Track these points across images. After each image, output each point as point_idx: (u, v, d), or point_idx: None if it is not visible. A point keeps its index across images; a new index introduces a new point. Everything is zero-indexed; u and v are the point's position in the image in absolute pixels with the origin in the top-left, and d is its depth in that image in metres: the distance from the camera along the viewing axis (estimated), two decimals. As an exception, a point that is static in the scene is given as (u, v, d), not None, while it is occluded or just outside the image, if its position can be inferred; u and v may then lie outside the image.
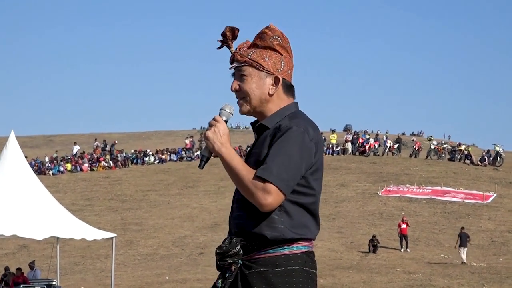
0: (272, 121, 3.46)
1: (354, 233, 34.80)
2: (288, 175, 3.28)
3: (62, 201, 30.96)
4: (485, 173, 48.90)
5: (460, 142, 60.00)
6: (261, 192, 3.23)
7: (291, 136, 3.32)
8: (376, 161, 52.64)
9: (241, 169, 3.29)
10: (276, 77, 3.47)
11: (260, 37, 3.51)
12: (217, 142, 3.34)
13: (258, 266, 3.33)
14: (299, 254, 3.38)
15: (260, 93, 3.47)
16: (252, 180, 3.25)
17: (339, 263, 29.31)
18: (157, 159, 58.17)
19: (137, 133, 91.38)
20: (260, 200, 3.24)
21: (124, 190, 47.95)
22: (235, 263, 3.37)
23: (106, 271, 28.88)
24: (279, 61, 3.49)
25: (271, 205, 3.26)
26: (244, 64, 3.47)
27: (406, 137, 73.32)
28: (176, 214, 40.53)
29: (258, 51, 3.48)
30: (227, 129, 3.40)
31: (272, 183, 3.24)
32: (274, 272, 3.32)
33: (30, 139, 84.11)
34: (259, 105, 3.49)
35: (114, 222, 39.17)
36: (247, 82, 3.47)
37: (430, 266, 28.58)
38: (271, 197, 3.24)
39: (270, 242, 3.33)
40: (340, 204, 40.61)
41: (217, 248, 3.40)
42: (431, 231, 35.56)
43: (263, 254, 3.35)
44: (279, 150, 3.30)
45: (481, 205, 40.46)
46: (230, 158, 3.32)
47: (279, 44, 3.49)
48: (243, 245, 3.37)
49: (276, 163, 3.27)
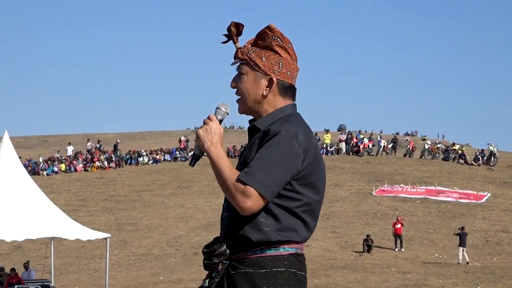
0: (264, 123, 3.42)
1: (349, 233, 34.82)
2: (271, 180, 3.23)
3: (57, 202, 30.96)
4: (479, 173, 48.98)
5: (454, 142, 60.07)
6: (241, 195, 3.20)
7: (279, 141, 3.27)
8: (370, 161, 52.69)
9: (225, 170, 3.27)
10: (270, 78, 3.43)
11: (260, 36, 3.48)
12: (207, 141, 3.33)
13: (244, 267, 3.32)
14: (286, 256, 3.35)
15: (254, 94, 3.44)
16: (234, 182, 3.22)
17: (333, 263, 29.34)
18: (151, 159, 58.16)
19: (131, 133, 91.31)
20: (239, 203, 3.21)
21: (118, 190, 47.92)
22: (222, 263, 3.36)
23: (100, 271, 28.87)
24: (277, 62, 3.44)
25: (250, 209, 3.22)
26: (242, 62, 3.46)
27: (400, 137, 73.34)
28: (170, 214, 40.52)
29: (257, 51, 3.45)
30: (219, 128, 3.37)
31: (253, 187, 3.20)
32: (259, 273, 3.30)
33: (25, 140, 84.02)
34: (253, 106, 3.46)
35: (109, 223, 39.14)
36: (243, 81, 3.46)
37: (425, 266, 28.62)
38: (250, 201, 3.20)
39: (256, 244, 3.31)
40: (334, 204, 40.62)
41: (204, 247, 3.40)
42: (426, 230, 35.61)
43: (250, 255, 3.32)
44: (265, 154, 3.26)
45: (475, 204, 40.51)
46: (217, 158, 3.30)
47: (278, 45, 3.45)
48: (230, 245, 3.35)
49: (259, 167, 3.23)
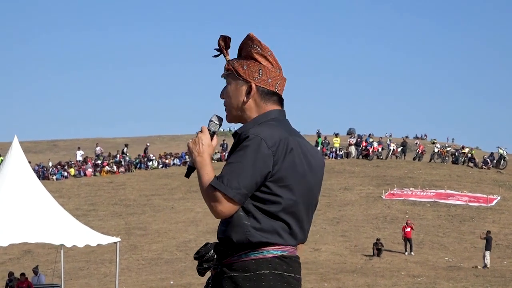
0: (245, 128, 3.50)
1: (358, 237, 34.78)
2: (239, 183, 3.30)
3: (66, 206, 31.07)
4: (489, 176, 48.87)
5: (464, 145, 59.98)
6: (212, 201, 3.32)
7: (247, 144, 3.34)
8: (380, 165, 52.63)
9: (204, 178, 3.38)
10: (250, 85, 3.53)
11: (242, 47, 3.61)
12: (194, 151, 3.43)
13: (230, 271, 3.39)
14: (270, 259, 3.39)
15: (236, 101, 3.56)
16: (206, 189, 3.34)
17: (343, 266, 29.30)
18: (161, 164, 58.22)
19: (141, 137, 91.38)
20: (211, 208, 3.33)
21: (128, 194, 47.96)
22: (215, 268, 3.47)
23: (110, 276, 28.90)
24: (257, 69, 3.54)
25: (221, 213, 3.33)
26: (228, 73, 3.58)
27: (410, 140, 73.23)
28: (180, 218, 40.54)
29: (239, 60, 3.58)
30: (209, 139, 3.47)
31: (221, 192, 3.29)
32: (243, 276, 3.36)
33: (34, 144, 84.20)
34: (237, 113, 3.58)
35: (118, 227, 39.18)
36: (228, 91, 3.59)
37: (435, 270, 28.56)
38: (220, 205, 3.31)
39: (239, 246, 3.37)
40: (344, 208, 40.59)
41: (195, 253, 3.53)
42: (435, 234, 35.53)
43: (236, 260, 3.40)
44: (233, 158, 3.36)
45: (485, 208, 40.43)
46: (200, 167, 3.41)
47: (257, 53, 3.55)
48: (219, 250, 3.45)
49: (227, 172, 3.33)
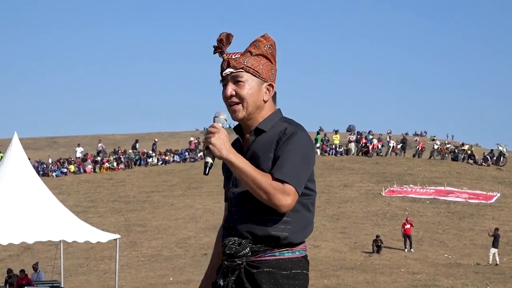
0: (267, 125, 3.57)
1: (358, 234, 34.78)
2: (301, 176, 3.43)
3: (66, 203, 31.03)
4: (489, 173, 48.87)
5: (463, 142, 59.95)
6: (281, 194, 3.34)
7: (300, 139, 3.46)
8: (380, 162, 52.61)
9: (255, 173, 3.36)
10: (270, 84, 3.60)
11: (255, 45, 3.58)
12: (223, 148, 3.39)
13: (265, 267, 3.44)
14: (300, 259, 3.53)
15: (255, 99, 3.56)
16: (271, 182, 3.34)
17: (342, 263, 29.31)
18: (161, 161, 58.22)
19: (140, 134, 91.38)
20: (280, 201, 3.34)
21: (128, 191, 47.97)
22: (242, 263, 3.47)
23: (110, 273, 28.91)
24: (271, 69, 3.61)
25: (290, 206, 3.38)
26: (240, 70, 3.54)
27: (410, 137, 73.19)
28: (179, 215, 40.54)
29: (252, 58, 3.56)
30: (228, 135, 3.46)
31: (291, 184, 3.36)
32: (281, 274, 3.44)
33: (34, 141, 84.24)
34: (253, 111, 3.58)
35: (118, 224, 39.18)
36: (244, 88, 3.55)
37: (434, 266, 28.57)
38: (290, 198, 3.35)
39: (277, 245, 3.46)
40: (343, 205, 40.59)
41: (227, 249, 3.49)
42: (435, 231, 35.54)
43: (269, 257, 3.46)
44: (291, 153, 3.42)
45: (485, 205, 40.43)
46: (240, 163, 3.38)
47: (271, 53, 3.60)
48: (250, 246, 3.47)
49: (290, 166, 3.39)
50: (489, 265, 28.94)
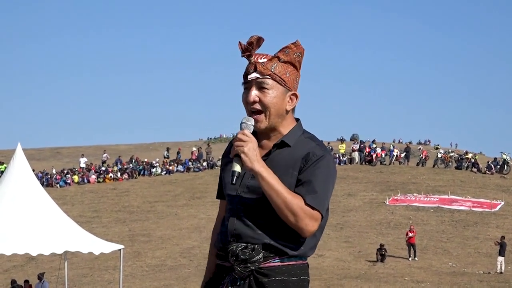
0: (292, 139, 3.47)
1: (362, 242, 34.77)
2: (326, 204, 3.40)
3: (70, 213, 31.09)
4: (493, 181, 48.83)
5: (467, 151, 59.93)
6: (309, 219, 3.31)
7: (328, 165, 3.42)
8: (383, 170, 52.62)
9: (286, 193, 3.29)
10: (294, 93, 3.48)
11: (284, 51, 3.46)
12: (256, 161, 3.30)
13: (276, 275, 3.39)
14: (306, 265, 3.50)
15: (278, 108, 3.44)
16: (302, 206, 3.29)
17: (347, 272, 29.28)
18: (164, 171, 58.27)
19: (144, 144, 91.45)
20: (308, 227, 3.31)
21: (132, 201, 48.00)
22: (243, 270, 3.39)
23: (114, 283, 28.91)
24: (296, 77, 3.48)
25: (314, 232, 3.38)
26: (267, 77, 3.41)
27: (413, 146, 73.24)
28: (183, 225, 40.55)
29: (280, 65, 3.43)
30: (257, 145, 3.37)
31: (320, 212, 3.35)
32: (292, 281, 3.41)
33: (37, 152, 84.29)
34: (276, 121, 3.46)
35: (122, 234, 39.19)
36: (268, 96, 3.42)
37: (438, 275, 28.53)
38: (317, 224, 3.34)
39: (285, 253, 3.42)
40: (347, 214, 40.59)
41: (241, 254, 3.36)
42: (439, 239, 35.50)
43: (278, 263, 3.40)
44: (321, 178, 3.36)
45: (489, 213, 40.40)
46: (273, 180, 3.30)
47: (299, 61, 3.48)
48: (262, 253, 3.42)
49: (322, 192, 3.35)
50: (497, 274, 28.90)
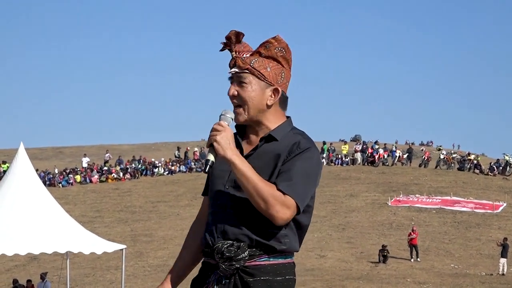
0: (280, 134, 3.44)
1: (364, 243, 34.75)
2: (306, 194, 3.32)
3: (72, 213, 31.09)
4: (495, 183, 48.81)
5: (470, 152, 59.95)
6: (281, 206, 3.22)
7: (311, 156, 3.36)
8: (386, 171, 52.61)
9: (257, 179, 3.25)
10: (276, 88, 3.44)
11: (265, 46, 3.45)
12: (229, 148, 3.28)
13: (261, 274, 3.35)
14: (292, 264, 3.45)
15: (258, 103, 3.42)
16: (273, 192, 3.23)
17: (349, 273, 29.27)
18: (167, 171, 58.27)
19: (146, 144, 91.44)
20: (278, 213, 3.22)
21: (134, 201, 48.02)
22: (236, 268, 3.36)
23: (116, 283, 28.92)
24: (280, 72, 3.45)
25: (287, 220, 3.27)
26: (245, 71, 3.42)
27: (416, 147, 73.22)
28: (185, 225, 40.51)
29: (260, 60, 3.43)
30: (233, 135, 3.35)
31: (293, 199, 3.25)
32: (277, 280, 3.36)
33: (40, 151, 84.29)
34: (256, 115, 3.45)
35: (124, 234, 39.21)
36: (247, 90, 3.42)
37: (440, 276, 28.51)
38: (289, 211, 3.24)
39: (272, 251, 3.36)
40: (349, 214, 40.57)
41: (226, 252, 3.34)
42: (441, 241, 35.48)
43: (264, 261, 3.36)
44: (301, 168, 3.31)
45: (491, 214, 40.38)
46: (244, 167, 3.27)
47: (282, 56, 3.45)
48: (248, 250, 3.37)
49: (298, 180, 3.28)
50: (499, 275, 28.87)
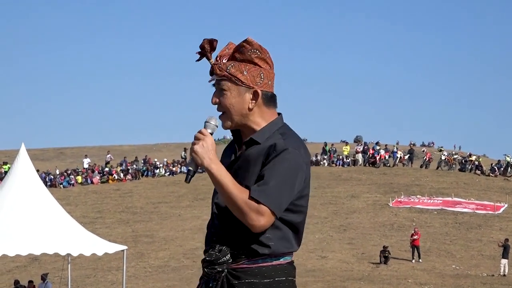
0: (262, 136, 3.41)
1: (365, 244, 34.73)
2: (282, 198, 3.26)
3: (73, 214, 31.08)
4: (496, 184, 48.80)
5: (471, 153, 59.94)
6: (255, 214, 3.20)
7: (288, 158, 3.29)
8: (387, 172, 52.60)
9: (232, 187, 3.23)
10: (255, 91, 3.42)
11: (238, 50, 3.44)
12: (206, 157, 3.27)
13: (247, 277, 3.33)
14: (285, 265, 3.39)
15: (239, 108, 3.42)
16: (246, 201, 3.21)
17: (350, 274, 29.26)
18: (168, 172, 58.27)
19: (148, 145, 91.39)
20: (253, 222, 3.21)
21: (135, 202, 48.01)
22: (220, 271, 3.35)
23: (117, 284, 28.91)
24: (259, 74, 3.42)
25: (263, 227, 3.24)
26: (223, 78, 3.42)
27: (417, 148, 73.18)
28: (187, 226, 40.55)
29: (236, 65, 3.42)
30: (214, 143, 3.34)
31: (266, 206, 3.21)
32: (263, 283, 3.32)
33: (41, 152, 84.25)
34: (240, 120, 3.43)
35: (125, 235, 39.20)
36: (227, 97, 3.42)
37: (442, 277, 28.49)
38: (264, 219, 3.21)
39: (257, 253, 3.33)
40: (351, 215, 40.56)
41: (207, 256, 3.37)
42: (442, 242, 35.47)
43: (251, 264, 3.34)
44: (275, 172, 3.27)
45: (492, 215, 40.36)
46: (220, 176, 3.26)
47: (258, 57, 3.42)
48: (231, 253, 3.35)
49: (271, 185, 3.24)
50: (500, 276, 28.86)
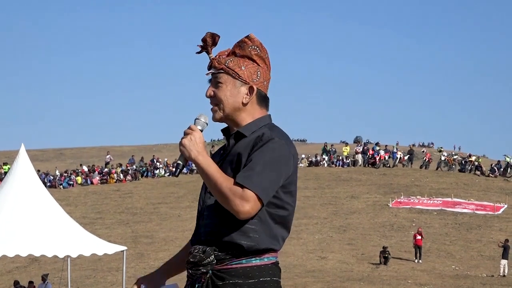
0: (249, 130, 3.45)
1: (365, 245, 34.75)
2: (268, 184, 3.26)
3: (73, 214, 31.09)
4: (496, 184, 48.80)
5: (471, 153, 59.97)
6: (239, 199, 3.20)
7: (273, 146, 3.32)
8: (387, 173, 52.60)
9: (218, 176, 3.25)
10: (251, 86, 3.47)
11: (239, 45, 3.50)
12: (193, 149, 3.30)
13: (231, 278, 3.33)
14: (270, 265, 3.39)
15: (233, 101, 3.46)
16: (231, 187, 3.21)
17: (350, 275, 29.27)
18: (168, 172, 58.26)
19: (147, 146, 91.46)
20: (237, 207, 3.20)
21: (135, 203, 48.01)
22: (205, 273, 3.36)
23: (117, 284, 28.91)
24: (256, 71, 3.49)
25: (248, 213, 3.23)
26: (220, 71, 3.47)
27: (417, 149, 73.21)
28: (187, 226, 40.54)
29: (235, 60, 3.48)
30: (202, 137, 3.37)
31: (251, 190, 3.21)
32: (248, 283, 3.32)
33: (41, 153, 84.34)
34: (231, 113, 3.48)
35: (125, 235, 39.21)
36: (222, 90, 3.47)
37: (441, 278, 28.51)
38: (249, 204, 3.20)
39: (243, 252, 3.32)
40: (350, 216, 40.57)
41: (191, 257, 3.37)
42: (442, 242, 35.48)
43: (235, 265, 3.34)
44: (261, 159, 3.29)
45: (492, 216, 40.36)
46: (207, 165, 3.29)
47: (257, 54, 3.49)
48: (215, 254, 3.35)
49: (256, 171, 3.25)
50: (500, 277, 28.87)
